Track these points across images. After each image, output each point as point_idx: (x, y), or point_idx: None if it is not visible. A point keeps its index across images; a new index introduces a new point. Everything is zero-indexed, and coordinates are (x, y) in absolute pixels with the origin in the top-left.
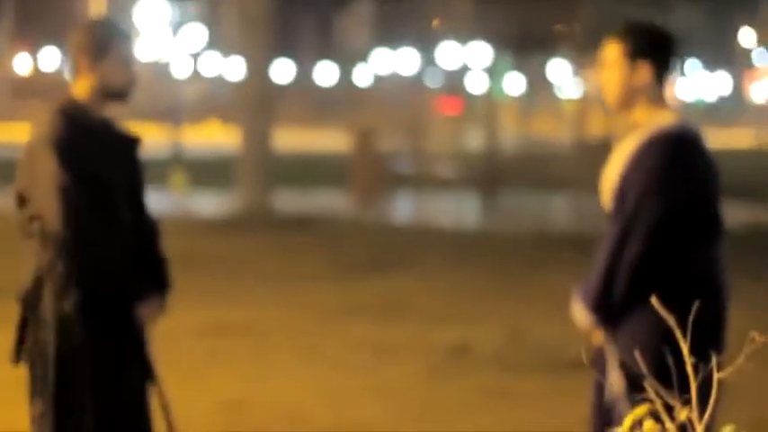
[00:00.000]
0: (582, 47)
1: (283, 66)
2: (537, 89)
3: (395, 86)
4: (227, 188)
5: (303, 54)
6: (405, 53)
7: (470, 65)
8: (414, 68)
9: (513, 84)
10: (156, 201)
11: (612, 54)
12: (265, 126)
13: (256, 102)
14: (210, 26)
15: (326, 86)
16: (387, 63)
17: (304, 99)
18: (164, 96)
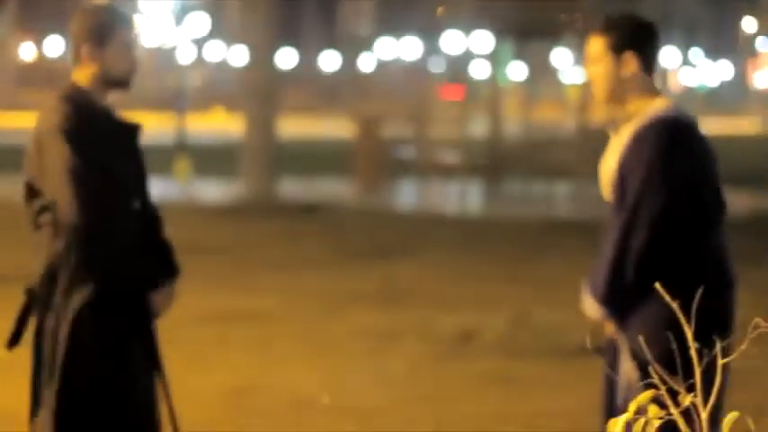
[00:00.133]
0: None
1: (287, 54)
2: (540, 76)
3: (398, 73)
4: (231, 176)
5: (307, 42)
6: (408, 41)
7: (473, 52)
8: (417, 55)
9: (516, 71)
10: (161, 188)
11: (597, 49)
12: (270, 114)
13: (260, 89)
14: (214, 14)
15: (330, 74)
16: (390, 51)
17: (308, 87)
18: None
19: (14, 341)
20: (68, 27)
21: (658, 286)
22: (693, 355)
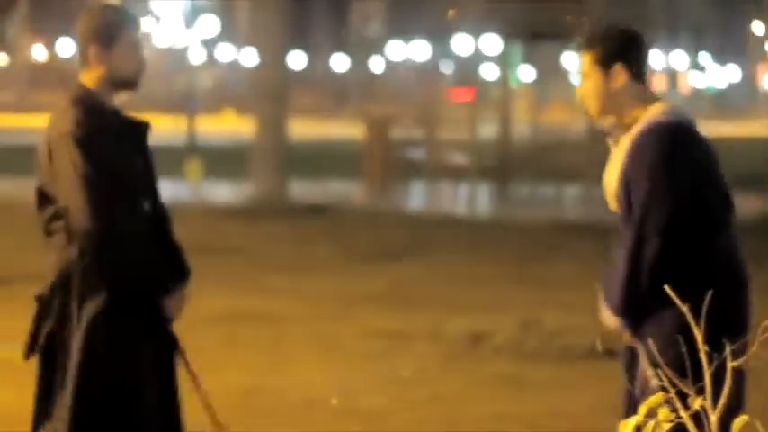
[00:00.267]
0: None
1: (297, 56)
2: (549, 78)
3: (408, 75)
4: (242, 177)
5: (317, 44)
6: (418, 45)
7: (483, 54)
8: (426, 56)
9: (526, 73)
10: (172, 190)
11: (585, 65)
12: (280, 115)
13: (271, 91)
14: (224, 17)
15: (340, 76)
16: (400, 53)
17: (318, 89)
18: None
19: (31, 349)
20: (75, 27)
21: (668, 289)
22: (703, 358)
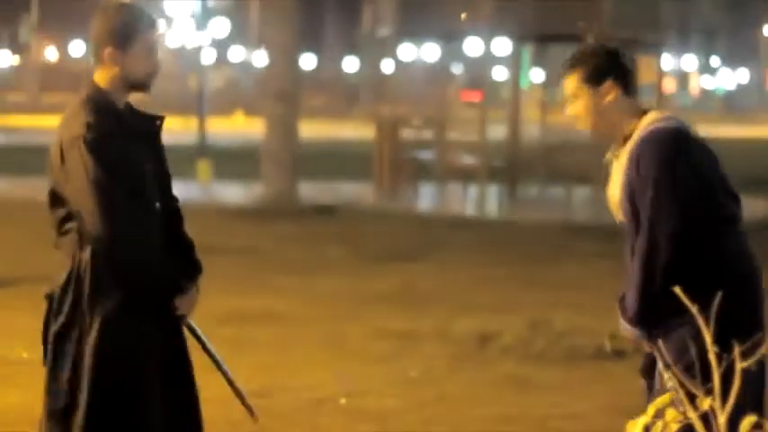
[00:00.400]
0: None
1: (308, 57)
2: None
3: (418, 77)
4: (252, 178)
5: (328, 46)
6: (428, 47)
7: (493, 55)
8: (436, 57)
9: (536, 75)
10: (182, 190)
11: (573, 86)
12: (291, 116)
13: (282, 92)
14: (235, 19)
15: (351, 77)
16: (411, 54)
17: (329, 90)
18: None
19: (44, 349)
20: (89, 26)
21: (678, 291)
22: (712, 359)
